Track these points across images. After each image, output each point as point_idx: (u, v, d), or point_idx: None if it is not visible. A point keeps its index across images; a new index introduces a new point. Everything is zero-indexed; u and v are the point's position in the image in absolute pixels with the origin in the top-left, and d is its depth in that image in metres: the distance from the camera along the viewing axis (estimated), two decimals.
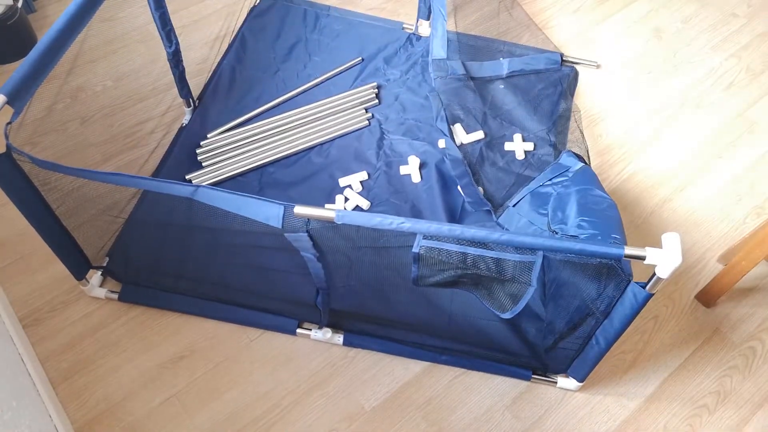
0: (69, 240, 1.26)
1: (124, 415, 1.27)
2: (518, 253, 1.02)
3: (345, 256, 1.14)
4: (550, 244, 0.94)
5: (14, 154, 1.02)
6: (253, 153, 1.64)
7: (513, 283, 1.09)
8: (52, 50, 1.06)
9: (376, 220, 0.95)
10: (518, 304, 1.11)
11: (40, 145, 1.63)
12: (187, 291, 1.40)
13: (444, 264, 1.08)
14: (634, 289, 1.01)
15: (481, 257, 1.04)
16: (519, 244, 0.95)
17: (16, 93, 0.99)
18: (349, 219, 0.96)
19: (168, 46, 1.51)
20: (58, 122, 1.69)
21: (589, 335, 1.17)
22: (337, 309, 1.32)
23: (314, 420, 1.28)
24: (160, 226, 1.46)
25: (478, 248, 1.02)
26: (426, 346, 1.36)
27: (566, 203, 1.35)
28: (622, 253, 0.93)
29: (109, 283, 1.44)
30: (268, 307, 1.39)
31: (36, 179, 1.08)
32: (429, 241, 1.02)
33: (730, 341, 1.44)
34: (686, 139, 1.79)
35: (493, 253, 1.03)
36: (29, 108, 1.04)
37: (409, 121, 1.75)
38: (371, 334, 1.37)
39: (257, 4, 2.01)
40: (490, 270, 1.07)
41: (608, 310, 1.09)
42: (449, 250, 1.03)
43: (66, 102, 1.75)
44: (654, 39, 2.04)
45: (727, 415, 1.34)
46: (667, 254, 0.93)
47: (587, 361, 1.23)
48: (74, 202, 1.18)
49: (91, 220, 1.27)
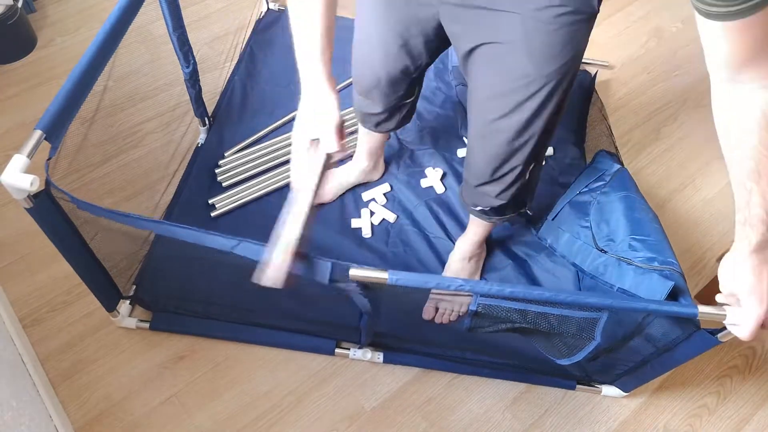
0: (101, 271, 1.22)
1: (124, 415, 1.27)
2: (583, 310, 0.96)
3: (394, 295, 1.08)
4: (620, 305, 0.90)
5: (53, 191, 0.98)
6: (273, 171, 1.61)
7: (574, 337, 1.04)
8: (84, 82, 1.00)
9: (433, 283, 0.90)
10: (577, 355, 1.06)
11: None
12: (219, 316, 1.36)
13: (502, 320, 1.03)
14: (704, 336, 0.97)
15: (542, 314, 0.98)
16: (587, 305, 0.90)
17: (52, 128, 0.94)
18: (404, 281, 0.91)
19: (185, 67, 1.46)
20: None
21: (644, 361, 1.13)
22: (379, 330, 1.29)
23: (314, 420, 1.28)
24: (187, 250, 1.42)
25: (540, 306, 0.97)
26: (467, 360, 1.34)
27: (610, 214, 1.31)
28: (696, 313, 0.88)
29: (137, 311, 1.40)
30: (304, 328, 1.35)
31: (73, 215, 1.05)
32: (487, 299, 0.96)
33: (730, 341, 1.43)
34: (686, 139, 1.79)
35: (557, 311, 0.97)
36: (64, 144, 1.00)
37: (426, 130, 1.72)
38: (410, 350, 1.35)
39: (262, 17, 1.99)
40: (551, 326, 1.01)
41: (670, 347, 1.04)
42: (509, 307, 0.98)
43: None
44: (654, 39, 2.04)
45: (727, 415, 1.34)
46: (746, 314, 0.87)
47: (638, 379, 1.21)
48: (106, 233, 1.14)
49: (121, 250, 1.24)
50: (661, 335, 1.04)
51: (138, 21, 1.17)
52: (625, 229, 1.26)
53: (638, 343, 1.08)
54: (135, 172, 1.63)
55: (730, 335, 0.93)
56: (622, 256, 1.23)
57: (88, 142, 1.67)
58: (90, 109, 1.63)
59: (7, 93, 1.77)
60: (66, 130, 0.99)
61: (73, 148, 1.63)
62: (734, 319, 0.88)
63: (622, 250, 1.23)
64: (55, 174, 1.00)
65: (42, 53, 1.88)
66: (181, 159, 1.64)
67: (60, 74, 1.82)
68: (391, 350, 1.36)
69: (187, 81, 1.51)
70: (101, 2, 2.03)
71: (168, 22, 1.36)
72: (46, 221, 1.02)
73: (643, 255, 1.19)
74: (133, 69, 1.85)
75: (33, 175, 0.91)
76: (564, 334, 1.04)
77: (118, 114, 1.74)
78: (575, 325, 1.00)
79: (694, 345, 1.01)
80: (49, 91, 1.78)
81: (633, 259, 1.20)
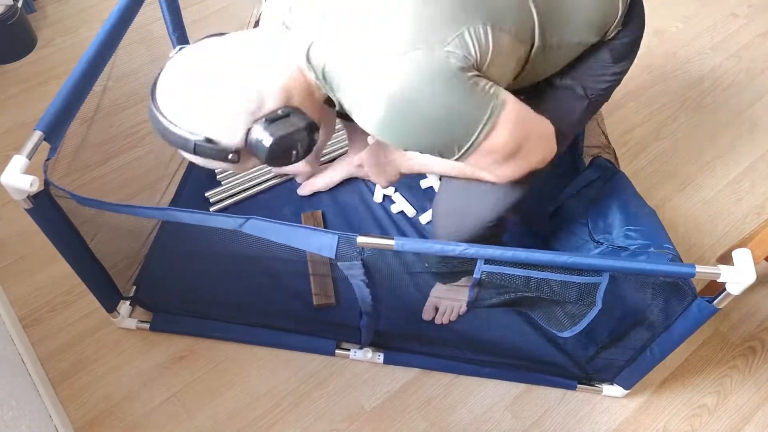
0: (101, 272, 1.22)
1: (124, 415, 1.27)
2: (583, 274, 0.98)
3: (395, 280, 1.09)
4: (620, 265, 0.92)
5: (52, 191, 0.98)
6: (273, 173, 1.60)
7: (575, 304, 1.05)
8: (83, 82, 1.01)
9: (437, 248, 0.91)
10: (579, 324, 1.08)
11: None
12: (220, 317, 1.36)
13: (505, 288, 1.04)
14: (701, 304, 0.98)
15: (545, 280, 1.00)
16: (588, 267, 0.92)
17: (52, 128, 0.95)
18: (410, 247, 0.92)
19: None
20: None
21: (643, 347, 1.14)
22: (379, 329, 1.29)
23: (314, 420, 1.29)
24: (187, 249, 1.41)
25: (542, 272, 0.98)
26: (467, 359, 1.34)
27: (607, 211, 1.31)
28: (694, 272, 0.90)
29: (137, 311, 1.40)
30: (304, 328, 1.35)
31: (73, 214, 1.05)
32: (491, 266, 0.97)
33: (730, 341, 1.44)
34: (686, 139, 1.79)
35: (558, 276, 0.98)
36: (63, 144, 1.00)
37: None
38: (410, 350, 1.35)
39: (260, 18, 1.99)
40: (553, 293, 1.02)
41: (669, 323, 1.05)
42: (512, 275, 0.99)
43: None
44: (654, 39, 2.04)
45: (727, 415, 1.34)
46: (740, 271, 0.91)
47: (638, 371, 1.21)
48: (107, 233, 1.14)
49: (121, 250, 1.24)
50: (658, 309, 1.06)
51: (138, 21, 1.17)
52: (621, 222, 1.28)
53: (623, 322, 1.11)
54: (135, 172, 1.63)
55: (726, 300, 0.95)
56: (618, 245, 1.24)
57: (87, 142, 1.67)
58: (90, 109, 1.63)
59: (7, 93, 1.77)
60: (66, 131, 0.99)
61: (72, 149, 1.63)
62: (728, 277, 0.91)
63: (618, 240, 1.25)
64: (55, 174, 1.00)
65: (42, 53, 1.88)
66: (182, 159, 1.64)
67: (60, 74, 1.82)
68: (392, 350, 1.36)
69: None
70: (101, 2, 2.03)
71: (168, 22, 1.36)
72: (46, 222, 1.02)
73: (639, 242, 1.20)
74: (132, 69, 1.85)
75: (33, 176, 0.91)
76: (566, 301, 1.05)
77: (118, 114, 1.74)
78: (576, 290, 1.01)
79: (691, 317, 1.01)
80: (49, 91, 1.78)
81: (629, 247, 1.21)
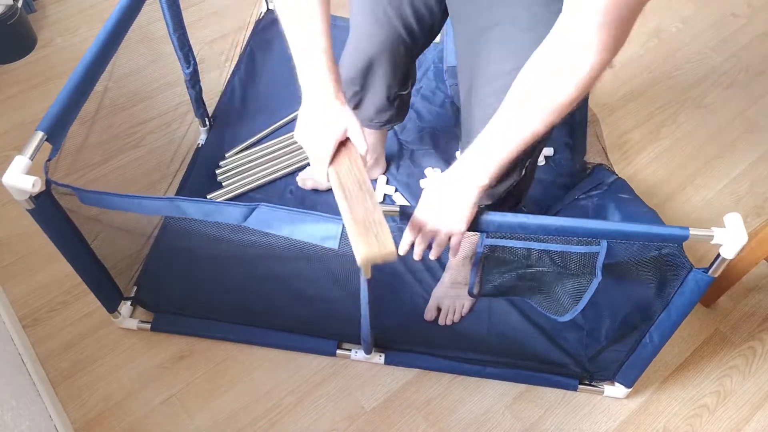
0: (102, 272, 1.22)
1: (124, 415, 1.27)
2: (582, 245, 1.02)
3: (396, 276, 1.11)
4: (615, 229, 0.94)
5: (54, 190, 0.98)
6: (274, 169, 1.61)
7: (576, 279, 1.08)
8: (85, 83, 1.01)
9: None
10: (580, 302, 1.10)
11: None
12: (221, 317, 1.36)
13: (506, 265, 1.06)
14: (697, 276, 0.97)
15: (545, 252, 1.04)
16: (584, 232, 0.95)
17: (53, 129, 0.94)
18: (411, 208, 0.95)
19: (185, 67, 1.46)
20: None
21: (642, 335, 1.14)
22: (380, 328, 1.29)
23: (314, 420, 1.29)
24: (189, 250, 1.39)
25: (542, 243, 1.02)
26: (469, 360, 1.34)
27: (606, 210, 1.34)
28: (688, 234, 0.92)
29: (138, 312, 1.40)
30: (305, 329, 1.35)
31: (74, 214, 1.05)
32: (493, 240, 1.01)
33: (730, 341, 1.44)
34: (686, 138, 1.79)
35: (558, 247, 1.02)
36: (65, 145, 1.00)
37: (426, 130, 1.71)
38: (412, 350, 1.35)
39: (262, 17, 1.98)
40: (555, 264, 1.06)
41: (666, 302, 1.06)
42: (514, 247, 1.03)
43: None
44: (654, 39, 2.04)
45: (727, 415, 1.34)
46: (732, 233, 0.92)
47: (638, 363, 1.20)
48: (108, 233, 1.14)
49: (122, 249, 1.24)
50: (655, 289, 1.07)
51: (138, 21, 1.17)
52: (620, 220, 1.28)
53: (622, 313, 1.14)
54: (135, 172, 1.63)
55: (722, 266, 0.96)
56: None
57: (88, 142, 1.67)
58: (91, 109, 1.63)
59: (7, 93, 1.77)
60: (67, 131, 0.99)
61: (73, 149, 1.63)
62: (721, 239, 0.92)
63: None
64: (56, 174, 1.00)
65: (42, 53, 1.88)
66: (182, 159, 1.64)
67: (60, 74, 1.82)
68: (392, 350, 1.36)
69: (187, 82, 1.51)
70: (101, 2, 2.03)
71: (168, 22, 1.36)
72: (47, 222, 1.02)
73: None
74: (133, 69, 1.85)
75: (35, 176, 0.91)
76: (566, 276, 1.07)
77: (118, 114, 1.74)
78: (576, 261, 1.04)
79: (688, 290, 1.00)
80: (49, 91, 1.78)
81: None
